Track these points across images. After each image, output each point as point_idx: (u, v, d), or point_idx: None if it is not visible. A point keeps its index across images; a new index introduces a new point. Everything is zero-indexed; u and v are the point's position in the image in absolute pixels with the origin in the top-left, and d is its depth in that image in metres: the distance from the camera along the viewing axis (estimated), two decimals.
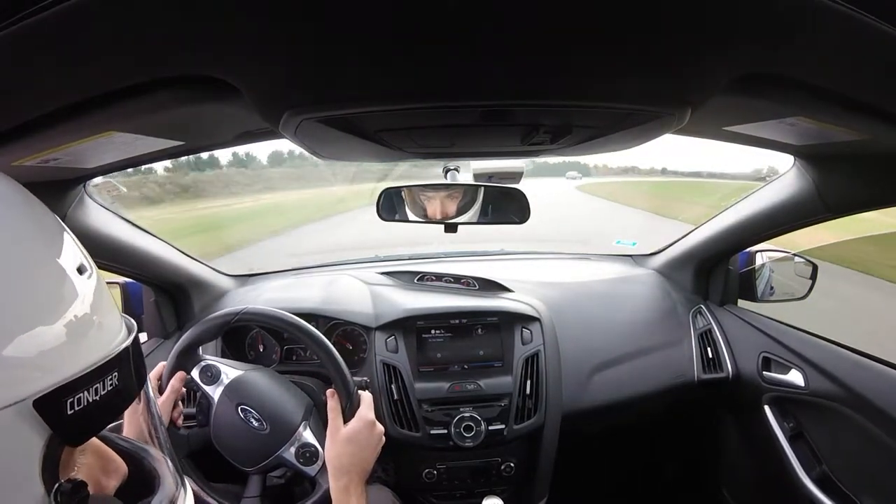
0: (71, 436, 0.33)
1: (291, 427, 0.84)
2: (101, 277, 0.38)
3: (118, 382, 0.35)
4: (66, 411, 0.31)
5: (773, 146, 0.81)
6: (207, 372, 0.86)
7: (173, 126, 0.62)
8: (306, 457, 0.83)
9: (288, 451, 0.83)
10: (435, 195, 0.98)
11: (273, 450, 0.82)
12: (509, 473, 1.12)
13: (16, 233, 0.34)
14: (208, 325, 0.87)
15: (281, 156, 7.58)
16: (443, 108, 0.47)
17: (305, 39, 0.35)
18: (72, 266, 0.35)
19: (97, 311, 0.35)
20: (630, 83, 0.45)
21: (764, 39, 0.37)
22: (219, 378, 0.86)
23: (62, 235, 0.37)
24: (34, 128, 0.46)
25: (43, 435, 0.30)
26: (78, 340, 0.33)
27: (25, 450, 0.30)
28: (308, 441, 0.84)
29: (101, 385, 0.33)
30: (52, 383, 0.31)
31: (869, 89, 0.47)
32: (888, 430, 0.89)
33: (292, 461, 0.82)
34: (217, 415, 0.85)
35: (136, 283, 1.20)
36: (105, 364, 0.34)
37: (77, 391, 0.32)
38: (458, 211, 0.98)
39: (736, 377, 1.22)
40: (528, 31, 0.35)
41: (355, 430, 0.78)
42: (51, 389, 0.30)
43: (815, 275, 1.18)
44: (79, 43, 0.34)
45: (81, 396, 0.32)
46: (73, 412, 0.31)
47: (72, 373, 0.32)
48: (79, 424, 0.32)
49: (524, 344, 1.15)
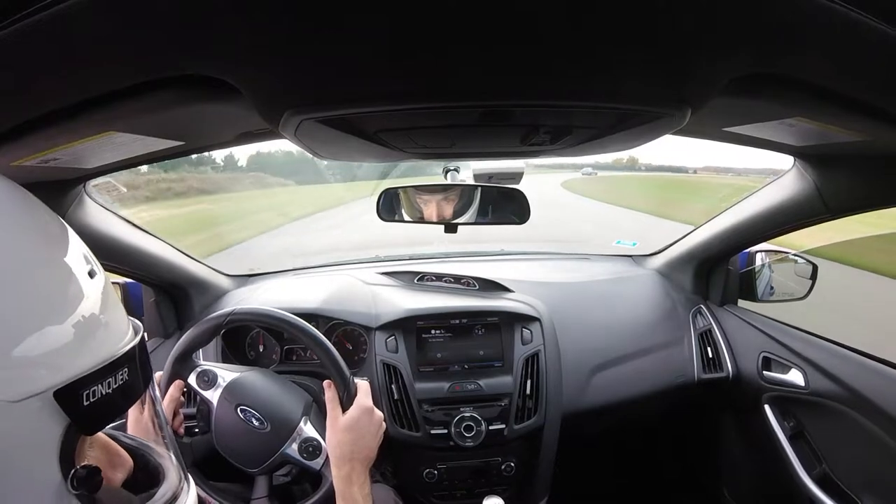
0: (86, 425, 0.36)
1: (292, 423, 0.84)
2: (107, 278, 0.40)
3: (128, 377, 0.38)
4: (83, 402, 0.34)
5: (774, 147, 0.81)
6: (204, 377, 0.87)
7: (173, 126, 0.62)
8: (309, 451, 0.83)
9: (291, 447, 0.83)
10: (431, 197, 0.98)
11: (276, 448, 0.83)
12: (510, 473, 1.12)
13: (28, 237, 0.36)
14: (200, 329, 0.87)
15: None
16: (443, 108, 0.47)
17: (305, 39, 0.35)
18: (81, 268, 0.37)
19: (106, 310, 0.38)
20: (630, 84, 0.45)
21: (764, 40, 0.37)
22: (216, 382, 0.86)
23: (69, 238, 0.39)
24: (34, 128, 0.46)
25: (61, 424, 0.33)
26: (90, 338, 0.36)
27: (45, 437, 0.33)
28: (310, 435, 0.84)
29: (113, 379, 0.36)
30: (70, 377, 0.33)
31: (869, 89, 0.46)
32: (888, 430, 0.89)
33: (296, 457, 0.83)
34: (217, 419, 0.85)
35: (136, 284, 1.20)
36: (116, 360, 0.37)
37: (92, 384, 0.35)
38: (455, 213, 0.98)
39: (736, 377, 1.22)
40: (529, 32, 0.35)
41: (354, 418, 0.79)
42: (69, 382, 0.33)
43: (815, 275, 1.18)
44: (79, 43, 0.34)
45: (96, 389, 0.35)
46: (89, 403, 0.34)
47: (87, 368, 0.35)
48: (93, 415, 0.35)
49: (524, 344, 1.15)
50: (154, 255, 1.10)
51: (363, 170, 4.56)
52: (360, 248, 2.66)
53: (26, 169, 0.61)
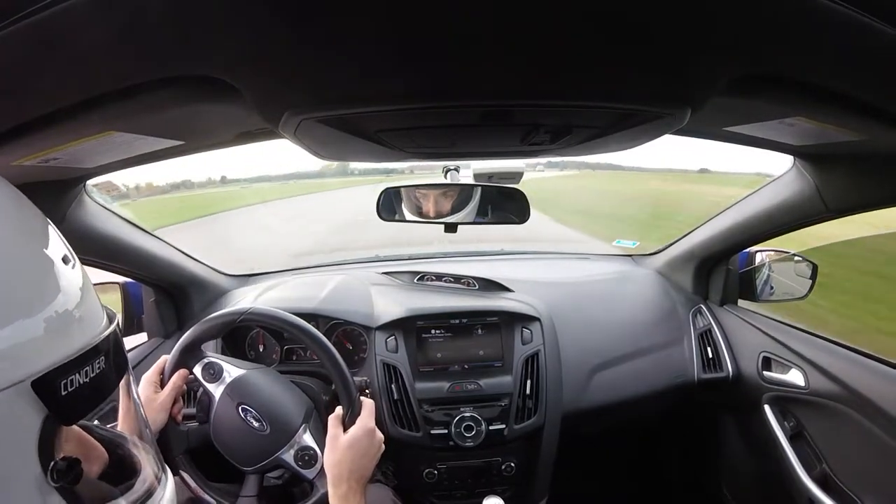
0: (65, 415, 0.35)
1: (291, 430, 0.84)
2: (84, 269, 0.40)
3: (104, 366, 0.37)
4: (61, 392, 0.33)
5: (773, 146, 0.81)
6: (210, 369, 0.86)
7: (173, 126, 0.62)
8: (305, 460, 0.82)
9: (287, 453, 0.82)
10: (431, 197, 0.98)
11: (272, 451, 0.82)
12: (510, 473, 1.12)
13: (7, 229, 0.36)
14: (212, 323, 0.87)
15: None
16: (443, 108, 0.47)
17: (305, 40, 0.35)
18: (58, 258, 0.37)
19: (82, 302, 0.37)
20: (630, 84, 0.45)
21: (763, 40, 0.37)
22: (221, 376, 0.86)
23: (47, 228, 0.39)
24: (34, 128, 0.46)
25: (40, 415, 0.32)
26: (67, 329, 0.35)
27: (23, 430, 0.32)
28: (307, 444, 0.83)
29: (90, 368, 0.36)
30: (48, 366, 0.33)
31: (868, 89, 0.46)
32: (888, 430, 0.89)
33: (291, 463, 0.82)
34: (217, 413, 0.84)
35: (136, 283, 1.20)
36: (93, 349, 0.36)
37: (69, 373, 0.34)
38: (455, 213, 0.98)
39: (736, 377, 1.22)
40: (528, 32, 0.35)
41: (355, 438, 0.78)
42: (47, 371, 0.33)
43: (815, 274, 1.18)
44: (79, 43, 0.34)
45: (74, 378, 0.34)
46: (67, 393, 0.34)
47: (64, 356, 0.34)
48: (71, 404, 0.35)
49: (524, 344, 1.15)
50: (154, 255, 1.10)
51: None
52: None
53: (26, 168, 0.61)
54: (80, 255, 0.41)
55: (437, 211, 0.99)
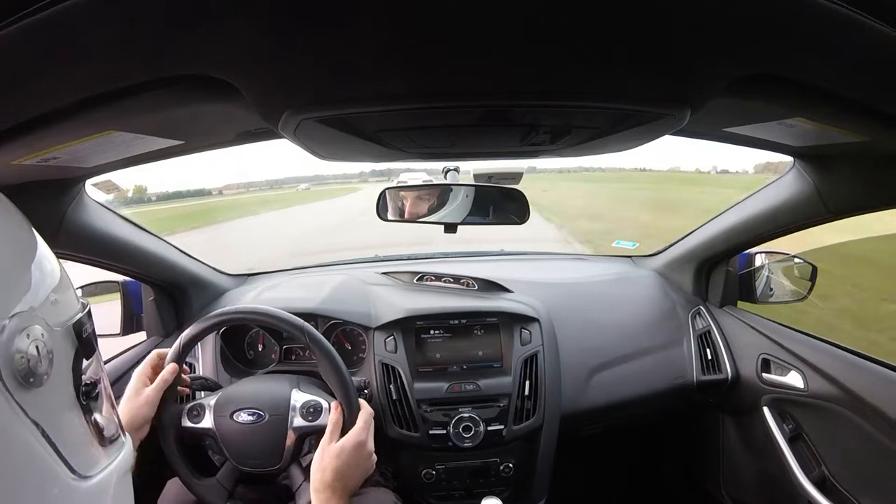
0: (85, 352, 0.38)
1: (284, 398, 0.85)
2: (61, 265, 0.41)
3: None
4: (83, 334, 0.37)
5: (773, 147, 0.81)
6: (193, 412, 0.86)
7: (173, 126, 0.62)
8: (312, 412, 0.84)
9: (296, 420, 0.84)
10: (431, 197, 0.99)
11: (283, 429, 0.83)
12: (508, 474, 1.12)
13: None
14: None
15: None
16: (442, 108, 0.47)
17: (304, 39, 0.35)
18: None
19: (60, 285, 0.39)
20: (630, 84, 0.45)
21: (763, 40, 0.37)
22: (203, 411, 0.86)
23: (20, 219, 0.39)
24: (34, 127, 0.46)
25: (73, 348, 0.36)
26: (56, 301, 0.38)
27: (66, 359, 0.36)
28: (306, 399, 0.85)
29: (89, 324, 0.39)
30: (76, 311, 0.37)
31: (869, 90, 0.46)
32: (887, 432, 0.89)
33: (303, 425, 0.84)
34: (224, 438, 0.84)
35: (135, 283, 1.20)
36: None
37: (86, 322, 0.38)
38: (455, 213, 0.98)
39: (735, 379, 1.22)
40: (528, 32, 0.35)
41: (344, 449, 0.78)
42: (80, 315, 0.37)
43: (815, 276, 1.18)
44: (79, 43, 0.34)
45: (87, 326, 0.38)
46: (86, 335, 0.37)
47: (76, 311, 0.37)
48: (88, 345, 0.38)
49: (523, 344, 1.15)
50: (153, 254, 1.10)
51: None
52: None
53: (26, 168, 0.61)
54: (80, 254, 0.41)
55: (437, 211, 0.99)
